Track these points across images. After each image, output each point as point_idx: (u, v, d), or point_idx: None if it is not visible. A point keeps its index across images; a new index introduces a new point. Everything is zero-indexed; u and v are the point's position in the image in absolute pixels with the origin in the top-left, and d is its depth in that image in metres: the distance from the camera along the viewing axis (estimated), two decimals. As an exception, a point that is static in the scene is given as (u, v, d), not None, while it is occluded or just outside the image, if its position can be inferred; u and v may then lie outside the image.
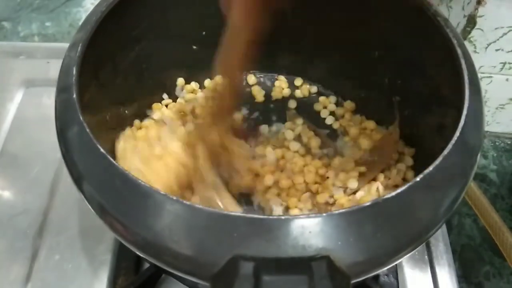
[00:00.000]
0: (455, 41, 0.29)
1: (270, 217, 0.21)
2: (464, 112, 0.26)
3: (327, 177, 0.39)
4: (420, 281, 0.39)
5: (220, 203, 0.36)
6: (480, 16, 0.43)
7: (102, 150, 0.24)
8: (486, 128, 0.56)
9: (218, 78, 0.38)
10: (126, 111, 0.39)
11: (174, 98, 0.44)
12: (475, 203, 0.42)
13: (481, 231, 0.49)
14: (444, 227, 0.42)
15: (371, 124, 0.42)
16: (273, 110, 0.45)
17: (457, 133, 0.25)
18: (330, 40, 0.41)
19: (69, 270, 0.38)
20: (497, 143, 0.56)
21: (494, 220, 0.40)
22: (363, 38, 0.38)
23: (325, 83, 0.46)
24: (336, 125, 0.44)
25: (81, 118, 0.25)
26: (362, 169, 0.38)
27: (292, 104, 0.45)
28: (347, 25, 0.39)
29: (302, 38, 0.42)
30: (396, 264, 0.39)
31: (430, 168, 0.24)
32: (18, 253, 0.39)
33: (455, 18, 0.46)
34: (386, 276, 0.38)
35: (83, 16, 0.63)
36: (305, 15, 0.40)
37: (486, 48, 0.46)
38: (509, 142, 0.56)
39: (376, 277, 0.38)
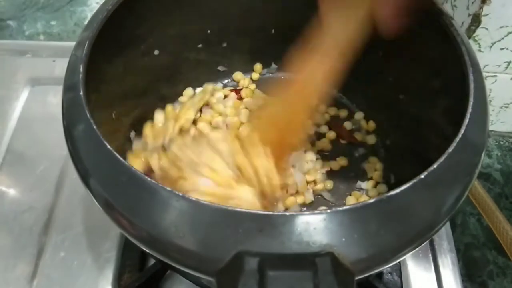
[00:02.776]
0: (459, 40, 0.29)
1: (275, 213, 0.22)
2: (469, 110, 0.26)
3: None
4: (423, 280, 0.39)
5: None
6: (485, 15, 0.43)
7: (109, 146, 0.24)
8: (491, 128, 0.55)
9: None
10: (132, 108, 0.39)
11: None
12: (479, 202, 0.42)
13: (485, 230, 0.49)
14: (448, 226, 0.42)
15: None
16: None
17: (462, 131, 0.25)
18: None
19: (74, 267, 0.38)
20: (501, 142, 0.56)
21: (498, 219, 0.40)
22: (367, 37, 0.38)
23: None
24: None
25: (88, 115, 0.25)
26: None
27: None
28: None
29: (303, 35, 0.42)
30: (399, 263, 0.39)
31: (434, 166, 0.24)
32: (23, 250, 0.39)
33: (459, 17, 0.46)
34: (389, 275, 0.38)
35: (88, 15, 0.64)
36: (306, 10, 0.40)
37: (491, 47, 0.46)
38: (513, 142, 0.56)
39: (380, 275, 0.38)
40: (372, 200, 0.22)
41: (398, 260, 0.23)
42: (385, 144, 0.42)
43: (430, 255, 0.40)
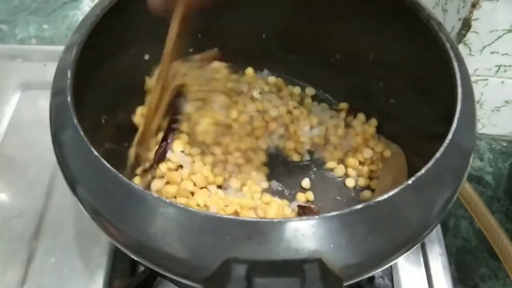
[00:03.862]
0: (448, 45, 0.29)
1: (263, 220, 0.22)
2: (457, 115, 0.26)
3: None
4: (415, 283, 0.39)
5: None
6: (475, 19, 0.43)
7: (96, 153, 0.24)
8: (482, 131, 0.56)
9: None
10: (122, 114, 0.39)
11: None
12: (471, 206, 0.42)
13: (477, 234, 0.49)
14: (439, 229, 0.42)
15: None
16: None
17: (450, 136, 0.25)
18: (324, 43, 0.41)
19: (64, 273, 0.38)
20: (493, 146, 0.56)
21: (490, 223, 0.40)
22: (357, 41, 0.39)
23: (319, 85, 0.46)
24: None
25: (75, 121, 0.25)
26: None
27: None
28: (341, 29, 0.39)
29: (296, 40, 0.42)
30: (391, 267, 0.39)
31: (422, 171, 0.24)
32: (13, 256, 0.39)
33: (450, 21, 0.46)
34: (381, 279, 0.38)
35: (80, 19, 0.64)
36: (299, 16, 0.40)
37: (481, 51, 0.46)
38: (505, 145, 0.56)
39: (371, 279, 0.38)
40: (360, 206, 0.22)
41: (387, 266, 0.23)
42: (376, 148, 0.42)
43: (421, 258, 0.40)
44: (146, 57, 0.40)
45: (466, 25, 0.44)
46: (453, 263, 0.47)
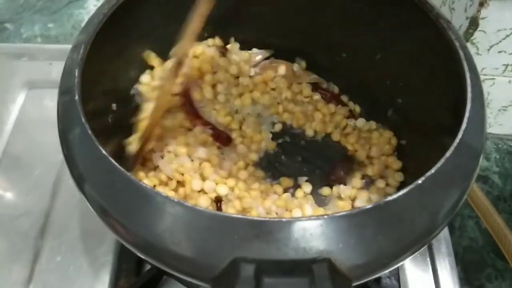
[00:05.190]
0: (457, 43, 0.29)
1: (271, 219, 0.21)
2: (466, 114, 0.26)
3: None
4: (422, 284, 0.38)
5: None
6: (483, 18, 0.43)
7: (103, 151, 0.24)
8: (489, 130, 0.55)
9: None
10: (129, 113, 0.39)
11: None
12: (478, 205, 0.42)
13: (484, 233, 0.49)
14: (446, 229, 0.41)
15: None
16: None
17: (459, 136, 0.25)
18: (332, 42, 0.41)
19: (70, 271, 0.38)
20: (499, 145, 0.56)
21: (497, 222, 0.40)
22: (365, 40, 0.38)
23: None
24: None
25: (83, 119, 0.25)
26: None
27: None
28: (349, 27, 0.39)
29: (302, 38, 0.42)
30: (398, 267, 0.39)
31: (432, 170, 0.23)
32: (19, 254, 0.39)
33: (457, 20, 0.46)
34: (388, 279, 0.38)
35: (86, 18, 0.63)
36: (306, 14, 0.40)
37: (489, 50, 0.46)
38: (511, 144, 0.56)
39: (378, 279, 0.38)
40: (369, 206, 0.22)
41: (396, 266, 0.23)
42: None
43: (428, 258, 0.40)
44: (153, 56, 0.40)
45: (473, 24, 0.43)
46: (459, 263, 0.46)
